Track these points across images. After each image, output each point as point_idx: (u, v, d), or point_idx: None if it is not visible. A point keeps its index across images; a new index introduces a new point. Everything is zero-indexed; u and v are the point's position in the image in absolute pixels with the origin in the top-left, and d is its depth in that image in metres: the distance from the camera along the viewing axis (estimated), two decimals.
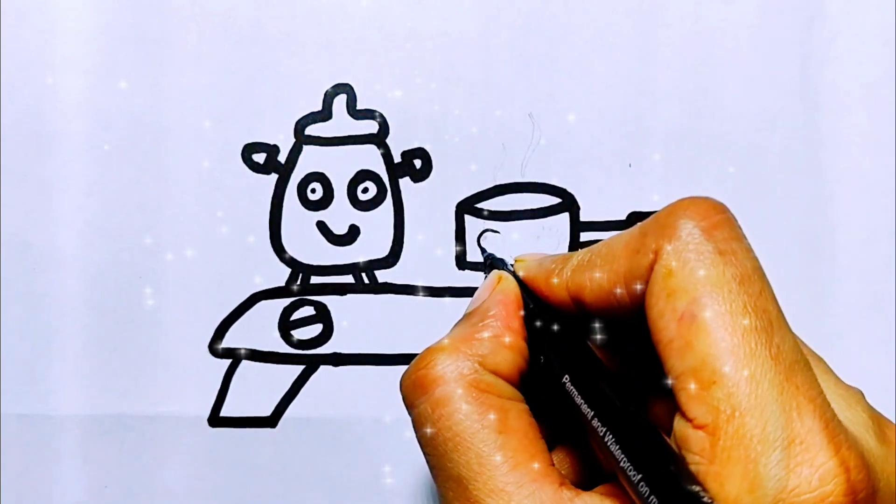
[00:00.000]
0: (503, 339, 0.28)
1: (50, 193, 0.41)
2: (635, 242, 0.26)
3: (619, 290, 0.26)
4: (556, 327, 0.28)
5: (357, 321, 0.41)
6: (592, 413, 0.25)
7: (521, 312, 0.29)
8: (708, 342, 0.23)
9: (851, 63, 0.41)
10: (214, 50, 0.41)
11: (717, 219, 0.25)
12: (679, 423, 0.24)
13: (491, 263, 0.32)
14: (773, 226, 0.41)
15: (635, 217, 0.41)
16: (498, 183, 0.41)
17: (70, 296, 0.41)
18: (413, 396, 0.27)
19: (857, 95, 0.41)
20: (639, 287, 0.25)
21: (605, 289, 0.26)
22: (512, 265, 0.31)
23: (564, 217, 0.41)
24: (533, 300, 0.29)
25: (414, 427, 0.27)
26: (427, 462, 0.27)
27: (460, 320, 0.29)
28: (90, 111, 0.41)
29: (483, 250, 0.40)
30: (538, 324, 0.28)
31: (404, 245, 0.41)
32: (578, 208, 0.41)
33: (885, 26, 0.41)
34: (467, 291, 0.41)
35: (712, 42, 0.41)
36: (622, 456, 0.24)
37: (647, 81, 0.41)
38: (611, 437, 0.24)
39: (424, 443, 0.27)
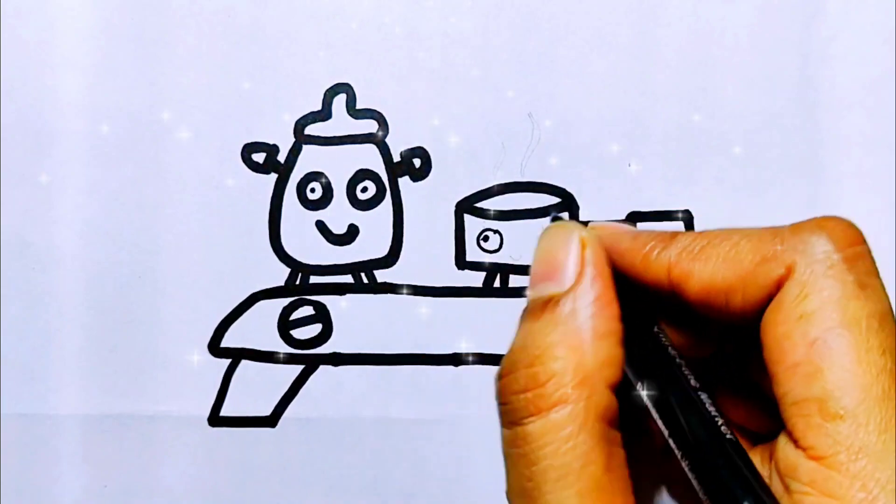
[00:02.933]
0: (616, 336, 0.24)
1: (50, 193, 0.41)
2: (766, 249, 0.24)
3: (733, 292, 0.24)
4: (649, 326, 0.25)
5: (356, 321, 0.41)
6: (669, 432, 0.23)
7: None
8: (840, 375, 0.22)
9: (851, 62, 0.41)
10: (214, 50, 0.41)
11: (860, 249, 0.24)
12: (788, 448, 0.23)
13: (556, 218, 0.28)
14: (773, 225, 0.41)
15: (635, 216, 0.41)
16: (497, 182, 0.41)
17: (70, 296, 0.41)
18: (522, 413, 0.23)
19: (857, 95, 0.41)
20: (759, 296, 0.24)
21: (717, 286, 0.25)
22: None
23: (563, 217, 0.41)
24: (620, 281, 0.25)
25: (508, 443, 0.24)
26: (509, 484, 0.24)
27: (551, 307, 0.24)
28: (90, 111, 0.41)
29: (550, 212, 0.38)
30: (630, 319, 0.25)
31: (404, 244, 0.41)
32: (578, 208, 0.41)
33: (885, 25, 0.41)
34: (467, 291, 0.41)
35: (712, 41, 0.41)
36: (699, 487, 0.22)
37: (647, 81, 0.41)
38: (687, 463, 0.23)
39: (520, 465, 0.23)
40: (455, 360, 0.41)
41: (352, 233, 0.41)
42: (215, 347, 0.41)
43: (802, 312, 0.23)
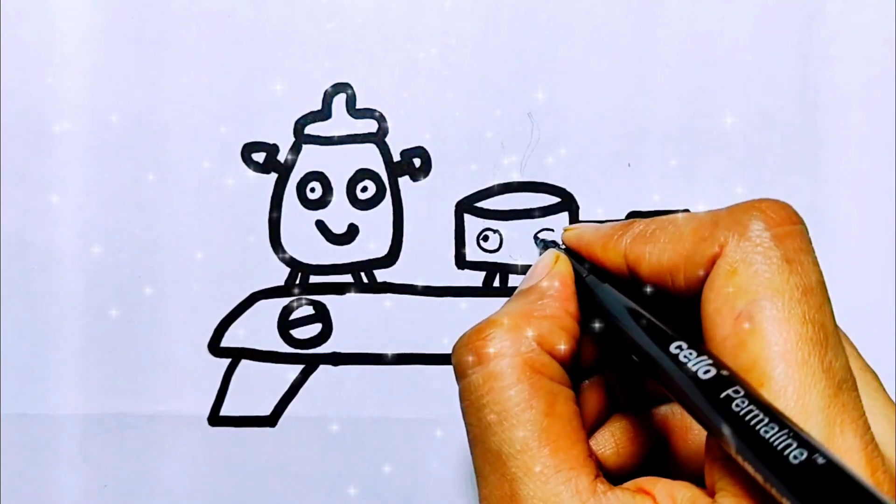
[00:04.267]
0: (561, 319, 0.28)
1: (50, 193, 0.41)
2: (704, 230, 0.26)
3: (676, 271, 0.26)
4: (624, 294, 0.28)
5: (356, 321, 0.41)
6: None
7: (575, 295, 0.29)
8: (761, 344, 0.23)
9: (851, 62, 0.41)
10: (214, 50, 0.41)
11: (791, 228, 0.25)
12: None
13: (544, 245, 0.32)
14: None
15: (635, 216, 0.41)
16: (497, 182, 0.41)
17: (70, 295, 0.41)
18: (466, 366, 0.27)
19: (857, 95, 0.41)
20: (698, 274, 0.25)
21: (663, 265, 0.27)
22: (562, 244, 0.31)
23: (563, 216, 0.41)
24: (590, 268, 0.29)
25: (460, 396, 0.27)
26: (467, 432, 0.27)
27: (515, 296, 0.29)
28: (90, 111, 0.41)
29: (535, 237, 0.40)
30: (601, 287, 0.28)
31: (403, 244, 0.41)
32: (577, 208, 0.41)
33: (885, 26, 0.41)
34: (467, 291, 0.41)
35: (711, 42, 0.41)
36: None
37: (646, 81, 0.41)
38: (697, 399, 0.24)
39: (470, 412, 0.27)
40: None
41: (352, 232, 0.41)
42: (215, 347, 0.41)
43: (730, 287, 0.24)
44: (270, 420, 0.42)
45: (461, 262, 0.41)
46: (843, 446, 0.22)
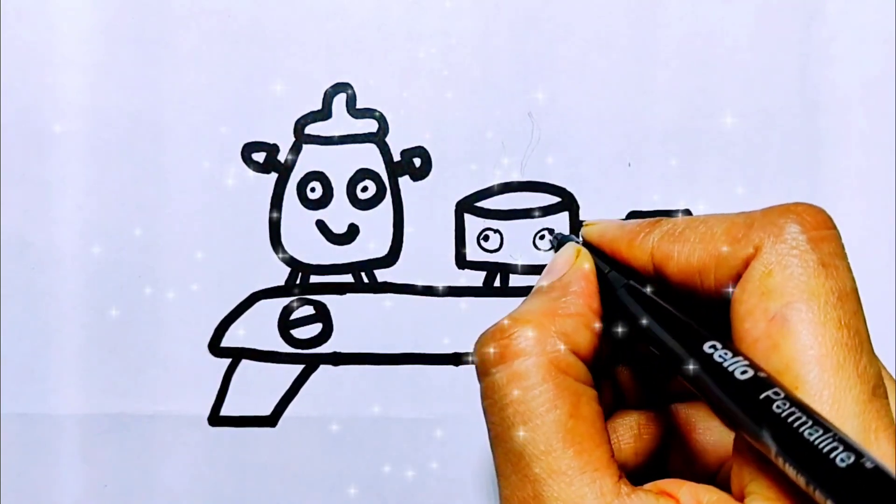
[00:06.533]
0: (585, 318, 0.27)
1: (49, 193, 0.41)
2: (738, 230, 0.25)
3: (706, 271, 0.26)
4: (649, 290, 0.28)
5: (356, 320, 0.41)
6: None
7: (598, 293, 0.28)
8: (797, 347, 0.23)
9: (851, 62, 0.41)
10: (214, 50, 0.41)
11: (826, 232, 0.25)
12: None
13: (561, 240, 0.31)
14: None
15: (635, 216, 0.41)
16: (497, 182, 0.41)
17: (70, 295, 0.41)
18: (490, 364, 0.26)
19: (857, 95, 0.41)
20: (730, 275, 0.25)
21: (692, 265, 0.26)
22: (580, 238, 0.30)
23: (564, 216, 0.41)
24: (612, 265, 0.29)
25: (483, 395, 0.27)
26: (489, 431, 0.26)
27: (536, 292, 0.29)
28: (90, 111, 0.41)
29: (550, 230, 0.40)
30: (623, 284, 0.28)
31: (404, 244, 0.41)
32: (577, 208, 0.41)
33: (885, 25, 0.41)
34: (467, 291, 0.41)
35: (711, 42, 0.41)
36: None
37: (647, 81, 0.41)
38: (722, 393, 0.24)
39: (492, 412, 0.26)
40: (455, 360, 0.41)
41: (352, 232, 0.41)
42: (215, 347, 0.41)
43: (765, 289, 0.24)
44: (270, 420, 0.42)
45: (461, 262, 0.41)
46: (877, 452, 0.22)
